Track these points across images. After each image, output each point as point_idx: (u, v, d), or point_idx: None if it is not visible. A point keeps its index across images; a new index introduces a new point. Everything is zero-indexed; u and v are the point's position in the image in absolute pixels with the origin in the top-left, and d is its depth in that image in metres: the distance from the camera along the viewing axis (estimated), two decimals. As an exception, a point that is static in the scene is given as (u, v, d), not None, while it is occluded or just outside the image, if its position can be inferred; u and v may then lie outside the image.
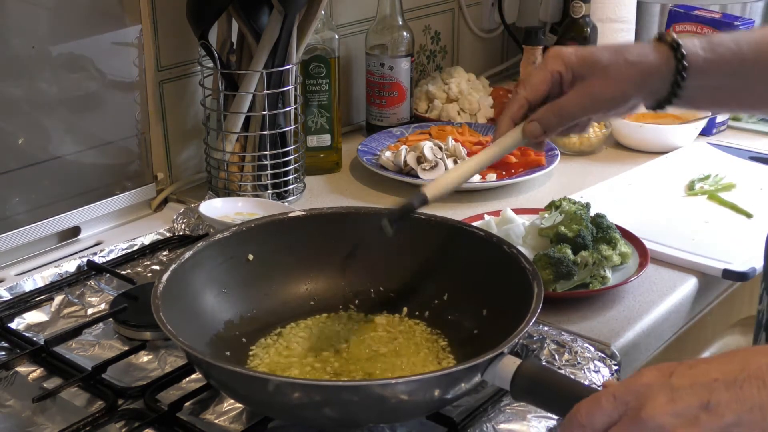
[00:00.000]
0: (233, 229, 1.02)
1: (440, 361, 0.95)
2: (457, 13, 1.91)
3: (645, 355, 1.08)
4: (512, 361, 0.81)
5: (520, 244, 1.16)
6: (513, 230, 1.18)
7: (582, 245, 1.12)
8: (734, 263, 1.16)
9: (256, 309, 1.01)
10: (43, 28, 1.19)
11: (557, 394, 0.79)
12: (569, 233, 1.12)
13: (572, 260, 1.09)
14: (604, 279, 1.11)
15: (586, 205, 1.18)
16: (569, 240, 1.12)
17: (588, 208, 1.18)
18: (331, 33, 1.45)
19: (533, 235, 1.17)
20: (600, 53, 0.97)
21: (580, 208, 1.16)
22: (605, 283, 1.11)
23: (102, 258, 1.20)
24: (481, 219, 1.24)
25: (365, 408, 0.80)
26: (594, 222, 1.16)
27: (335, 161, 1.52)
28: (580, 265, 1.10)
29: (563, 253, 1.09)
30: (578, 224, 1.13)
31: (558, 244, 1.12)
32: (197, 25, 1.29)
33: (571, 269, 1.08)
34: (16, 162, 1.20)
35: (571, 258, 1.09)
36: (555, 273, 1.08)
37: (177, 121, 1.40)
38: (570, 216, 1.15)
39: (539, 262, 1.08)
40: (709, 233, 1.27)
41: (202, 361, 0.83)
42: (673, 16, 1.71)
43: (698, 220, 1.31)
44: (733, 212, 1.33)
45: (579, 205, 1.17)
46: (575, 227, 1.13)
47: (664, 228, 1.27)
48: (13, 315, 1.07)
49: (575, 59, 0.96)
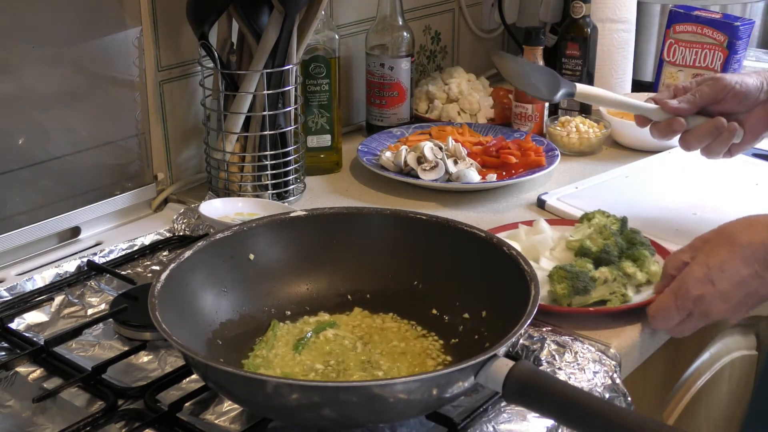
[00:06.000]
0: (234, 229, 1.02)
1: (439, 362, 0.95)
2: (457, 13, 1.91)
3: (645, 355, 1.08)
4: (505, 364, 0.81)
5: (546, 256, 1.13)
6: (540, 241, 1.15)
7: (605, 260, 1.08)
8: None
9: (256, 308, 1.01)
10: (43, 28, 1.19)
11: (549, 397, 0.79)
12: (593, 247, 1.10)
13: (590, 276, 1.06)
14: (625, 297, 1.06)
15: (621, 220, 1.15)
16: (593, 254, 1.09)
17: (624, 223, 1.15)
18: (331, 33, 1.45)
19: (561, 248, 1.14)
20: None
21: (612, 222, 1.14)
22: (625, 301, 1.06)
23: (102, 258, 1.20)
24: (515, 228, 1.21)
25: (363, 408, 0.80)
26: (626, 237, 1.13)
27: (335, 161, 1.52)
28: (599, 281, 1.06)
29: (582, 268, 1.06)
30: (605, 238, 1.11)
31: (581, 257, 1.09)
32: (197, 25, 1.29)
33: (587, 285, 1.05)
34: (16, 162, 1.20)
35: (589, 273, 1.06)
36: (571, 287, 1.04)
37: (177, 121, 1.40)
38: (598, 229, 1.12)
39: (555, 275, 1.06)
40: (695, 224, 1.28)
41: (198, 362, 0.83)
42: (673, 16, 1.71)
43: (687, 212, 1.33)
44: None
45: (612, 219, 1.15)
46: (601, 241, 1.10)
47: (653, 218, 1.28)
48: (13, 315, 1.07)
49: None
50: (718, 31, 1.66)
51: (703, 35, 1.68)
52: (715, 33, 1.66)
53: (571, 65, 1.67)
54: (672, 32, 1.71)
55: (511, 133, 1.58)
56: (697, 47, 1.69)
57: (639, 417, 0.77)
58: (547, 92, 1.23)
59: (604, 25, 1.69)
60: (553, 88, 1.22)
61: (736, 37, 1.65)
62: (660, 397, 1.25)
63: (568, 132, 1.57)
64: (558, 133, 1.58)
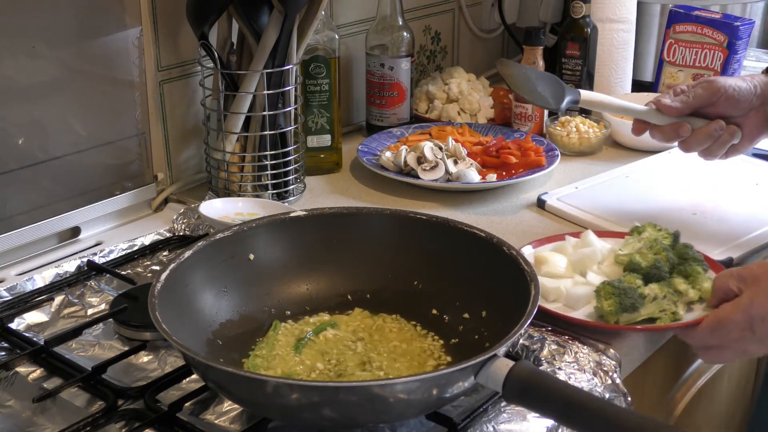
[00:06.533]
0: (234, 229, 1.02)
1: (439, 362, 0.95)
2: (457, 13, 1.91)
3: (645, 355, 1.08)
4: (504, 364, 0.81)
5: (594, 270, 1.10)
6: (588, 255, 1.12)
7: (656, 276, 1.05)
8: (712, 253, 1.16)
9: (256, 308, 1.01)
10: (43, 28, 1.19)
11: (549, 397, 0.79)
12: (643, 263, 1.06)
13: (639, 292, 1.02)
14: (675, 315, 1.02)
15: (673, 234, 1.12)
16: (642, 270, 1.05)
17: (676, 238, 1.12)
18: (331, 33, 1.45)
19: (610, 262, 1.11)
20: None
21: (663, 237, 1.11)
22: (676, 319, 1.02)
23: (102, 258, 1.20)
24: (562, 239, 1.17)
25: (363, 408, 0.80)
26: (678, 252, 1.09)
27: (335, 161, 1.52)
28: (648, 298, 1.02)
29: (631, 284, 1.02)
30: (656, 253, 1.07)
31: (630, 273, 1.05)
32: (197, 25, 1.29)
33: (635, 302, 1.01)
34: (16, 162, 1.20)
35: (638, 290, 1.02)
36: (618, 304, 1.00)
37: (177, 121, 1.40)
38: (649, 244, 1.09)
39: (602, 291, 1.02)
40: (694, 224, 1.29)
41: (198, 362, 0.83)
42: (673, 16, 1.71)
43: (687, 212, 1.33)
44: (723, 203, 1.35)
45: (664, 233, 1.11)
46: (651, 257, 1.07)
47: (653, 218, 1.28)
48: (13, 315, 1.07)
49: None
50: (718, 31, 1.66)
51: (703, 35, 1.68)
52: (715, 33, 1.66)
53: (571, 65, 1.67)
54: (672, 32, 1.71)
55: (511, 133, 1.58)
56: (697, 47, 1.69)
57: (639, 417, 0.77)
58: (553, 101, 1.23)
59: (604, 25, 1.69)
60: (558, 96, 1.23)
61: (736, 37, 1.65)
62: (660, 397, 1.25)
63: (568, 132, 1.57)
64: (558, 133, 1.58)
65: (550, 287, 1.07)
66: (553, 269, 1.11)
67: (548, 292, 1.07)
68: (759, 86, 1.20)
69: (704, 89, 1.20)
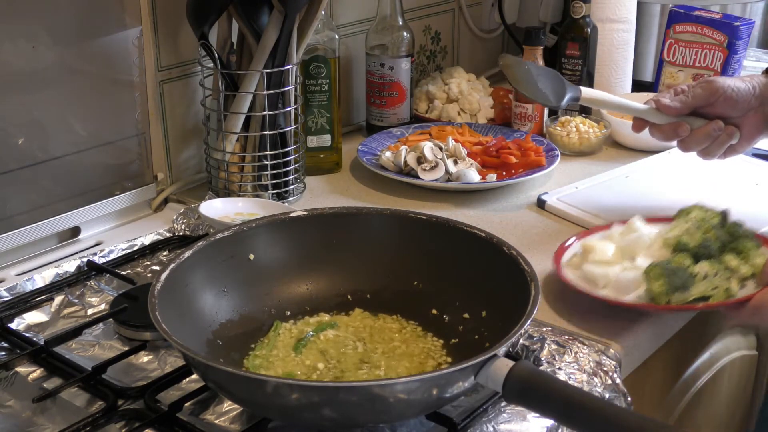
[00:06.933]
0: (234, 229, 1.02)
1: (439, 362, 0.95)
2: (457, 13, 1.91)
3: (645, 355, 1.08)
4: (505, 364, 0.81)
5: (643, 255, 1.09)
6: (636, 240, 1.11)
7: (705, 255, 1.03)
8: None
9: (257, 308, 1.01)
10: (43, 28, 1.19)
11: (549, 397, 0.79)
12: (691, 242, 1.05)
13: (689, 271, 1.01)
14: (728, 292, 1.01)
15: (722, 213, 1.11)
16: (690, 249, 1.04)
17: (725, 216, 1.10)
18: (331, 33, 1.45)
19: (658, 246, 1.09)
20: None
21: (712, 216, 1.09)
22: (729, 296, 1.01)
23: (102, 258, 1.20)
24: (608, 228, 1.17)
25: (364, 408, 0.80)
26: (729, 230, 1.08)
27: (335, 161, 1.52)
28: (698, 276, 1.01)
29: (680, 264, 1.01)
30: (705, 233, 1.06)
31: (678, 253, 1.04)
32: (197, 25, 1.29)
33: (686, 281, 1.00)
34: (16, 162, 1.20)
35: (688, 269, 1.01)
36: (668, 284, 0.99)
37: (177, 121, 1.40)
38: (697, 224, 1.08)
39: (651, 273, 1.01)
40: None
41: (198, 362, 0.83)
42: (673, 16, 1.71)
43: None
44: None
45: (712, 213, 1.10)
46: (699, 236, 1.06)
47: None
48: (13, 315, 1.07)
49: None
50: (718, 31, 1.66)
51: (703, 35, 1.68)
52: (715, 33, 1.66)
53: (571, 65, 1.67)
54: (672, 32, 1.71)
55: (511, 133, 1.58)
56: (697, 47, 1.69)
57: (639, 417, 0.77)
58: (554, 98, 1.23)
59: (604, 25, 1.69)
60: (559, 93, 1.23)
61: (736, 37, 1.65)
62: (660, 397, 1.25)
63: (568, 132, 1.57)
64: (558, 133, 1.58)
65: (599, 274, 1.07)
66: (601, 256, 1.10)
67: (596, 279, 1.07)
68: (758, 87, 1.21)
69: (703, 89, 1.20)
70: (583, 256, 1.13)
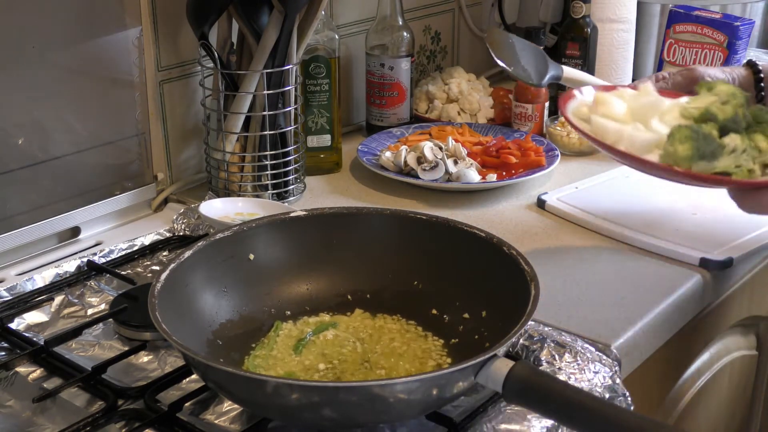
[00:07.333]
0: (234, 229, 1.02)
1: (439, 362, 0.95)
2: (457, 13, 1.91)
3: (645, 355, 1.08)
4: (505, 364, 0.81)
5: (656, 120, 0.99)
6: (651, 103, 1.01)
7: (733, 130, 0.95)
8: (713, 253, 1.16)
9: (257, 308, 1.01)
10: (43, 28, 1.19)
11: (549, 397, 0.79)
12: (720, 114, 0.95)
13: (719, 142, 0.93)
14: (752, 174, 0.93)
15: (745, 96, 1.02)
16: (719, 121, 0.95)
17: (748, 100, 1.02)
18: (331, 33, 1.45)
19: (674, 115, 0.99)
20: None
21: (741, 93, 1.01)
22: (751, 176, 0.93)
23: (102, 258, 1.20)
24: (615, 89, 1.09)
25: (364, 408, 0.80)
26: (753, 113, 1.00)
27: (335, 161, 1.52)
28: (728, 148, 0.93)
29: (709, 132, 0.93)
30: (734, 107, 0.97)
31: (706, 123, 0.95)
32: (197, 25, 1.29)
33: (715, 149, 0.91)
34: (16, 162, 1.20)
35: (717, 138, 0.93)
36: (695, 149, 0.91)
37: (177, 121, 1.40)
38: (726, 97, 0.99)
39: (678, 134, 0.92)
40: (695, 224, 1.28)
41: (198, 362, 0.83)
42: (673, 16, 1.71)
43: (687, 212, 1.33)
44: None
45: (739, 91, 1.01)
46: (729, 109, 0.96)
47: (653, 218, 1.28)
48: (13, 315, 1.07)
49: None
50: (718, 31, 1.66)
51: (703, 35, 1.68)
52: (715, 33, 1.66)
53: (571, 65, 1.67)
54: (672, 32, 1.71)
55: (511, 133, 1.58)
56: (697, 47, 1.69)
57: (639, 417, 0.77)
58: (535, 76, 1.19)
59: (604, 25, 1.69)
60: (541, 71, 1.19)
61: (736, 37, 1.65)
62: (660, 397, 1.25)
63: (568, 132, 1.57)
64: (558, 133, 1.58)
65: (611, 128, 0.99)
66: (613, 112, 1.02)
67: (606, 133, 0.99)
68: (737, 79, 1.18)
69: (683, 77, 1.18)
70: (593, 107, 1.04)
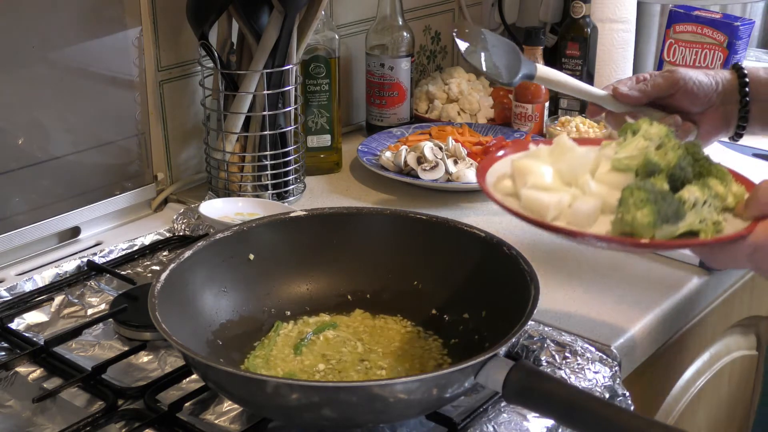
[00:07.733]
0: (234, 229, 1.02)
1: (439, 362, 0.95)
2: (457, 13, 1.91)
3: (645, 355, 1.08)
4: (504, 364, 0.81)
5: (588, 180, 0.88)
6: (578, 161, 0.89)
7: (680, 180, 0.83)
8: None
9: (256, 308, 1.01)
10: (43, 28, 1.19)
11: (549, 397, 0.79)
12: (662, 162, 0.83)
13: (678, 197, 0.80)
14: (718, 226, 0.81)
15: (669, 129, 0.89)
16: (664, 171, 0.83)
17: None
18: (331, 33, 1.45)
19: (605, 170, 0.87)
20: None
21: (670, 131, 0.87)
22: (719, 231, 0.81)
23: (102, 258, 1.20)
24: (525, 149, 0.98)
25: (364, 408, 0.80)
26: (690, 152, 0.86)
27: (335, 161, 1.52)
28: (688, 203, 0.80)
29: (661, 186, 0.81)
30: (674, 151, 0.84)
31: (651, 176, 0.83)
32: (197, 25, 1.29)
33: (677, 209, 0.79)
34: (16, 162, 1.20)
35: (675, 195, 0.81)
36: (656, 213, 0.78)
37: (177, 121, 1.40)
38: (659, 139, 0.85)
39: (633, 197, 0.80)
40: None
41: (198, 362, 0.83)
42: (673, 16, 1.71)
43: None
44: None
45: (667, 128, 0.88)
46: (671, 155, 0.83)
47: None
48: (13, 315, 1.07)
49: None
50: (718, 31, 1.66)
51: (703, 35, 1.68)
52: (715, 33, 1.66)
53: (571, 65, 1.67)
54: (672, 32, 1.71)
55: (511, 133, 1.58)
56: (697, 47, 1.69)
57: (639, 417, 0.77)
58: (506, 74, 1.10)
59: (604, 25, 1.69)
60: (513, 68, 1.10)
61: (736, 37, 1.65)
62: (660, 397, 1.25)
63: (568, 132, 1.57)
64: (558, 134, 1.58)
65: (549, 201, 0.86)
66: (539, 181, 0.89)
67: (546, 209, 0.86)
68: (721, 83, 1.14)
69: (664, 79, 1.13)
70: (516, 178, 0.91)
